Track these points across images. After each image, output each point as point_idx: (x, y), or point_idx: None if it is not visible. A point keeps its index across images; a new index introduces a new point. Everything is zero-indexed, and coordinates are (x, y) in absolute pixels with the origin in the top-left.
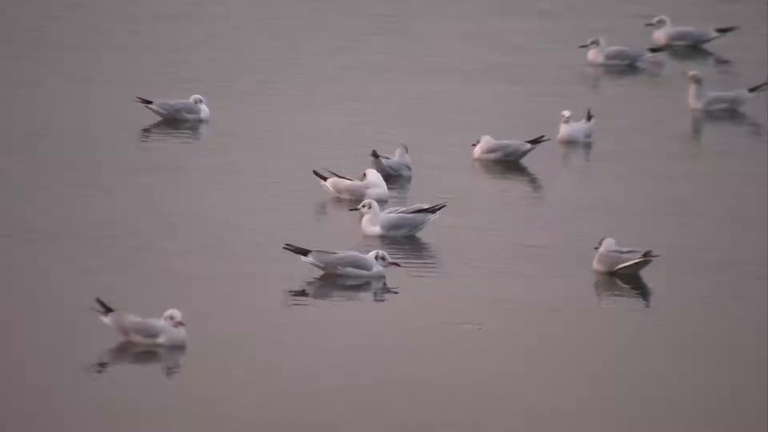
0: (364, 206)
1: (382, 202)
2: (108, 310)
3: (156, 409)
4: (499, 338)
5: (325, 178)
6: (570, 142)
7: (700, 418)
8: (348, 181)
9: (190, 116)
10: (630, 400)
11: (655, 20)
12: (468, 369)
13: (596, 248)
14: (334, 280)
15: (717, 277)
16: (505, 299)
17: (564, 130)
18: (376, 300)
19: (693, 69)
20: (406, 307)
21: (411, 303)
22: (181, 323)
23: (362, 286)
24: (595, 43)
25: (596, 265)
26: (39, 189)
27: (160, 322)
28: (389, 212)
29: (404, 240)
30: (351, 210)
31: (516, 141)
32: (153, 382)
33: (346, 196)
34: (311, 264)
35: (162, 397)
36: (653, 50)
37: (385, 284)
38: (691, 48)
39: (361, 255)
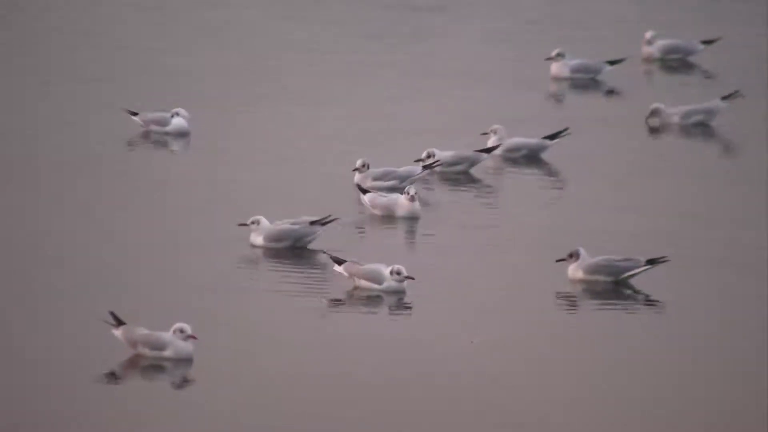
0: (252, 222)
1: (415, 218)
2: (120, 323)
3: (161, 421)
4: (491, 350)
5: (365, 191)
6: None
7: (699, 421)
8: (384, 199)
9: (156, 128)
10: (628, 403)
11: (648, 36)
12: (465, 375)
13: (562, 260)
14: (356, 292)
15: (706, 279)
16: (498, 310)
17: (490, 142)
18: (384, 314)
19: (656, 102)
20: (404, 321)
21: (412, 316)
22: (192, 336)
23: (377, 299)
24: (560, 55)
25: (586, 274)
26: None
27: (168, 336)
28: (279, 223)
29: (403, 254)
30: (240, 225)
31: (467, 151)
32: (159, 394)
33: (378, 212)
34: (340, 273)
35: (167, 410)
36: (612, 62)
37: (400, 299)
38: (680, 61)
39: (376, 268)
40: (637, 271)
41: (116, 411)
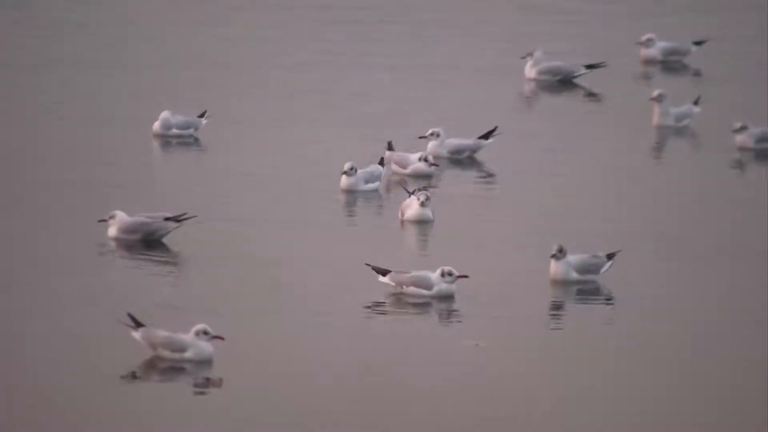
0: (111, 217)
1: (423, 223)
2: (138, 325)
3: (181, 423)
4: (496, 352)
5: (410, 193)
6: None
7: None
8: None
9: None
10: (629, 403)
11: (644, 38)
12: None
13: (554, 255)
14: (401, 298)
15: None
16: (493, 314)
17: (430, 146)
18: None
19: (658, 88)
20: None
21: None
22: (219, 337)
23: (422, 305)
24: (530, 55)
25: (581, 274)
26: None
27: (189, 338)
28: (137, 216)
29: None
30: (99, 221)
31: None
32: (178, 396)
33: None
34: (386, 284)
35: (186, 411)
36: (590, 66)
37: (451, 303)
38: (678, 62)
39: (424, 274)
40: (606, 267)
41: (135, 412)
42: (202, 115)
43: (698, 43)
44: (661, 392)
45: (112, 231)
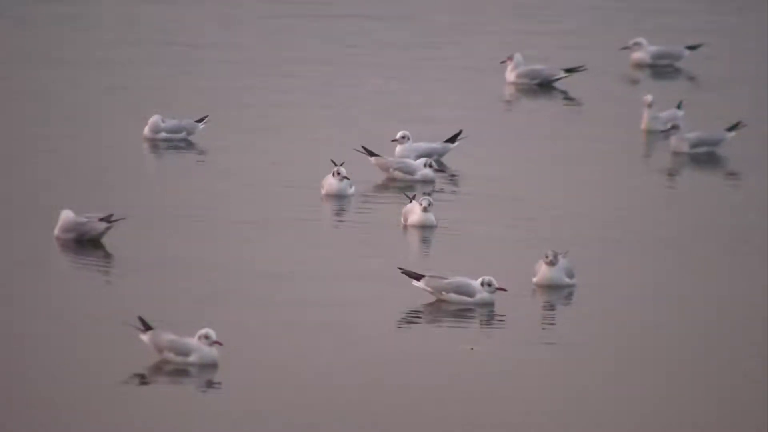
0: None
1: (430, 227)
2: (147, 328)
3: (182, 424)
4: (495, 353)
5: (411, 198)
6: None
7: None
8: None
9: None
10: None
11: (631, 43)
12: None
13: (550, 261)
14: (440, 305)
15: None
16: (493, 315)
17: (398, 150)
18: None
19: (648, 92)
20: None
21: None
22: (217, 342)
23: (465, 312)
24: (510, 58)
25: (565, 279)
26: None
27: (193, 342)
28: (83, 216)
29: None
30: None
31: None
32: (180, 398)
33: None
34: (422, 289)
35: (189, 414)
36: (568, 70)
37: (492, 311)
38: (669, 66)
39: (466, 281)
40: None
41: (135, 413)
42: (201, 120)
43: (692, 48)
44: (660, 393)
45: (56, 230)
